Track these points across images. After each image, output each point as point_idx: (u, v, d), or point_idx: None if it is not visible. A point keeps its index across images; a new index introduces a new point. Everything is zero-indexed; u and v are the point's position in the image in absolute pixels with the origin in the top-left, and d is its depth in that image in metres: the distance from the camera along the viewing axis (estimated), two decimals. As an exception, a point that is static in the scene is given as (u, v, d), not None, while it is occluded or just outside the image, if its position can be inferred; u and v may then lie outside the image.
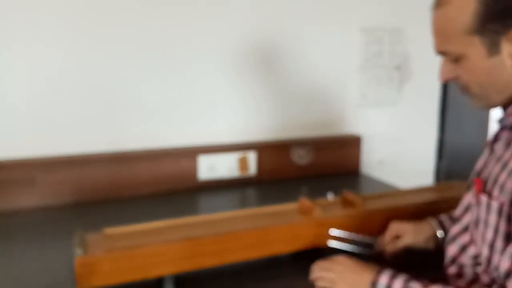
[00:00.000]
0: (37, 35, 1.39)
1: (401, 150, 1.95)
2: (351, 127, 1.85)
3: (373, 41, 1.80)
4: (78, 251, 0.90)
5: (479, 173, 0.88)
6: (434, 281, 0.84)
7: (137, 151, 1.54)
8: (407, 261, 1.05)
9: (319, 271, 0.97)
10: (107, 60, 1.47)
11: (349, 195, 1.21)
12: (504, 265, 0.78)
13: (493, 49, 0.80)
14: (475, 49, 0.81)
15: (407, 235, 1.07)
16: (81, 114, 1.47)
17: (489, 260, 0.84)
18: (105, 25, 1.45)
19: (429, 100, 1.97)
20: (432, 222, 1.07)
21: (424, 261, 1.04)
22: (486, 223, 0.84)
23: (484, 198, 0.84)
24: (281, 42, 1.67)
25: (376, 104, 1.87)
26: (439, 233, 1.05)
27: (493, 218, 0.82)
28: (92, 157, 1.48)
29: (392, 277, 0.87)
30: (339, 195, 1.22)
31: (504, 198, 0.80)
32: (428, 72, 1.81)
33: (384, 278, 0.87)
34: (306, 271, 1.07)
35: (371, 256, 1.08)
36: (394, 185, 1.66)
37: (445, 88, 1.99)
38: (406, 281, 0.85)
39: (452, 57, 0.85)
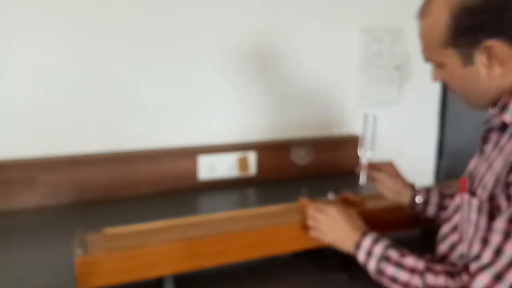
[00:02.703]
0: (37, 35, 1.39)
1: (401, 150, 1.94)
2: (351, 127, 1.85)
3: (373, 41, 1.80)
4: (78, 251, 0.90)
5: (471, 174, 0.90)
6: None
7: (137, 151, 1.54)
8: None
9: (312, 221, 1.03)
10: (107, 61, 1.47)
11: (349, 195, 1.21)
12: (475, 248, 0.82)
13: (467, 60, 0.84)
14: (451, 59, 0.86)
15: (386, 178, 1.16)
16: (81, 114, 1.47)
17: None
18: (105, 26, 1.45)
19: (429, 100, 1.97)
20: (418, 187, 1.15)
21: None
22: (468, 220, 0.87)
23: (465, 197, 0.88)
24: (281, 42, 1.67)
25: (376, 104, 1.87)
26: (417, 198, 1.13)
27: (473, 215, 0.85)
28: (92, 157, 1.48)
29: (374, 242, 0.95)
30: (339, 195, 1.22)
31: (484, 196, 0.83)
32: (428, 72, 1.80)
33: (367, 242, 0.95)
34: (306, 271, 1.07)
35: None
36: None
37: (445, 88, 1.98)
38: (386, 247, 0.93)
39: (435, 64, 0.91)
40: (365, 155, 1.20)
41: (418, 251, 1.07)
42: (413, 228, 1.22)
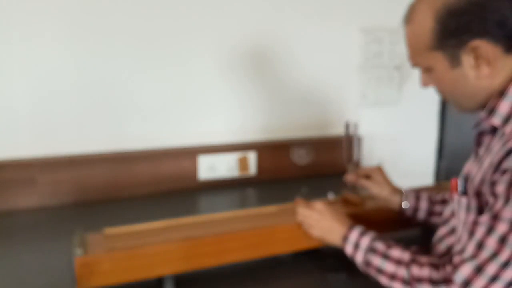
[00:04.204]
0: (37, 35, 1.39)
1: (401, 150, 1.94)
2: (351, 127, 1.85)
3: (373, 41, 1.80)
4: (78, 251, 0.90)
5: (465, 177, 0.91)
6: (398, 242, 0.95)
7: (137, 151, 1.54)
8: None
9: (300, 217, 1.06)
10: (107, 60, 1.47)
11: (349, 195, 1.21)
12: (463, 240, 0.85)
13: (455, 62, 0.85)
14: (439, 62, 0.87)
15: (373, 185, 1.17)
16: (81, 114, 1.47)
17: None
18: (105, 25, 1.45)
19: (429, 100, 1.97)
20: (406, 193, 1.16)
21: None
22: (459, 219, 0.89)
23: (456, 196, 0.90)
24: (281, 42, 1.67)
25: (376, 104, 1.87)
26: (404, 204, 1.15)
27: (462, 213, 0.88)
28: (92, 157, 1.48)
29: (361, 234, 0.98)
30: (339, 195, 1.22)
31: (471, 192, 0.86)
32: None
33: (354, 235, 0.99)
34: (306, 271, 1.07)
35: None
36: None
37: (445, 88, 1.98)
38: (373, 240, 0.96)
39: (423, 68, 0.91)
40: (350, 163, 1.23)
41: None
42: (413, 228, 1.22)
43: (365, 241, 0.96)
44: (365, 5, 1.78)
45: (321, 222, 1.03)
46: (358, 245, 0.97)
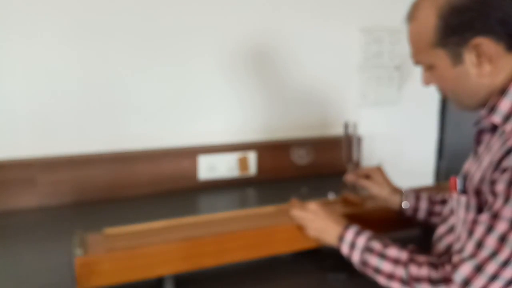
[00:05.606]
0: (37, 34, 1.39)
1: (401, 150, 1.95)
2: (350, 127, 1.85)
3: (373, 41, 1.80)
4: (78, 251, 0.90)
5: (465, 175, 0.91)
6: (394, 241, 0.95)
7: (137, 151, 1.54)
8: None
9: (294, 218, 1.06)
10: (107, 60, 1.47)
11: (349, 195, 1.21)
12: (462, 239, 0.84)
13: (457, 59, 0.85)
14: (441, 60, 0.87)
15: (373, 186, 1.17)
16: (81, 114, 1.47)
17: None
18: (105, 25, 1.45)
19: (429, 100, 1.97)
20: (406, 193, 1.16)
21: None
22: (458, 217, 0.89)
23: (455, 195, 0.90)
24: (281, 42, 1.67)
25: (376, 104, 1.87)
26: (404, 204, 1.15)
27: (461, 212, 0.88)
28: (92, 157, 1.48)
29: (357, 234, 0.97)
30: (339, 195, 1.22)
31: (470, 191, 0.86)
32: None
33: (350, 234, 0.98)
34: (306, 271, 1.07)
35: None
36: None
37: (445, 88, 1.98)
38: (369, 239, 0.95)
39: (425, 66, 0.92)
40: (350, 163, 1.23)
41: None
42: (413, 228, 1.22)
43: (361, 241, 0.96)
44: (365, 5, 1.78)
45: (315, 222, 1.03)
46: (354, 245, 0.96)
